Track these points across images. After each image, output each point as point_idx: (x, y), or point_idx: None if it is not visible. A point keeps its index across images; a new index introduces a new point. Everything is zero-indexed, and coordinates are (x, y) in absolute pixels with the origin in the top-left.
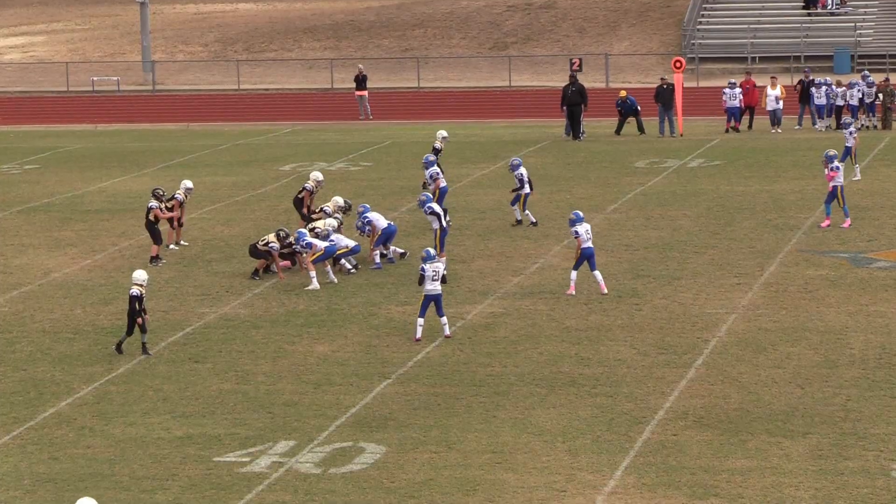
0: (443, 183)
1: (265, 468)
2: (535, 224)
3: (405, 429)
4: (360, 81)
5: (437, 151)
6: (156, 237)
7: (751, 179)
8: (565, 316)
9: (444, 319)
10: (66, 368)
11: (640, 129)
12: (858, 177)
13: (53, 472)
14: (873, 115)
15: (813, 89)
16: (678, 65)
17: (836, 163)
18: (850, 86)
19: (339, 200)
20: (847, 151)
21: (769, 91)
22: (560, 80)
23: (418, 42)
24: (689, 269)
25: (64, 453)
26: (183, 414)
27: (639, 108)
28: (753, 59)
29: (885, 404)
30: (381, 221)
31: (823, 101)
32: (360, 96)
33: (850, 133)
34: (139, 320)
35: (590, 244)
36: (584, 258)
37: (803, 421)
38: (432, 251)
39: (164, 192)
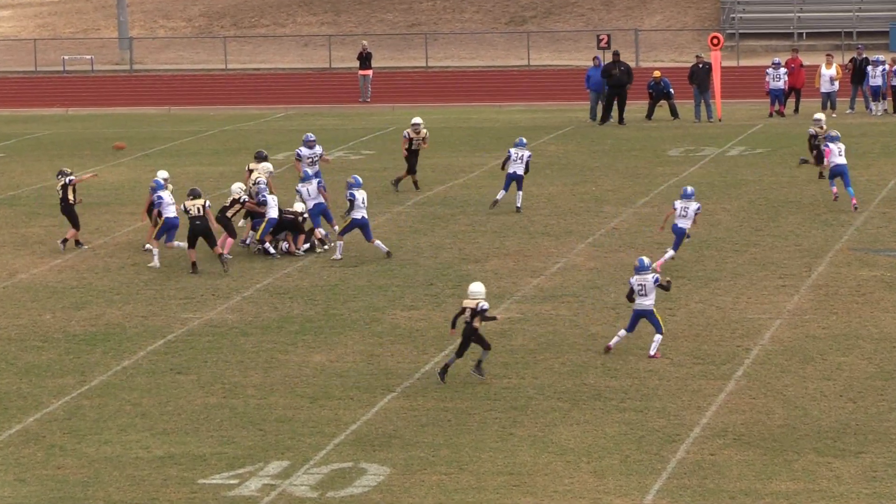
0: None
1: (255, 491)
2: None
3: (411, 448)
4: (364, 59)
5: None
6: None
7: (797, 170)
8: (590, 322)
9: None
10: (34, 380)
11: (674, 113)
12: None
13: (20, 496)
14: None
15: (869, 68)
16: (716, 41)
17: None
18: None
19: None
20: None
21: (823, 71)
22: (584, 59)
23: (426, 16)
24: (729, 270)
25: (32, 474)
26: (164, 431)
27: (672, 90)
28: (800, 35)
29: None
30: (356, 212)
31: (880, 81)
32: (364, 76)
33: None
34: None
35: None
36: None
37: (856, 439)
38: (645, 260)
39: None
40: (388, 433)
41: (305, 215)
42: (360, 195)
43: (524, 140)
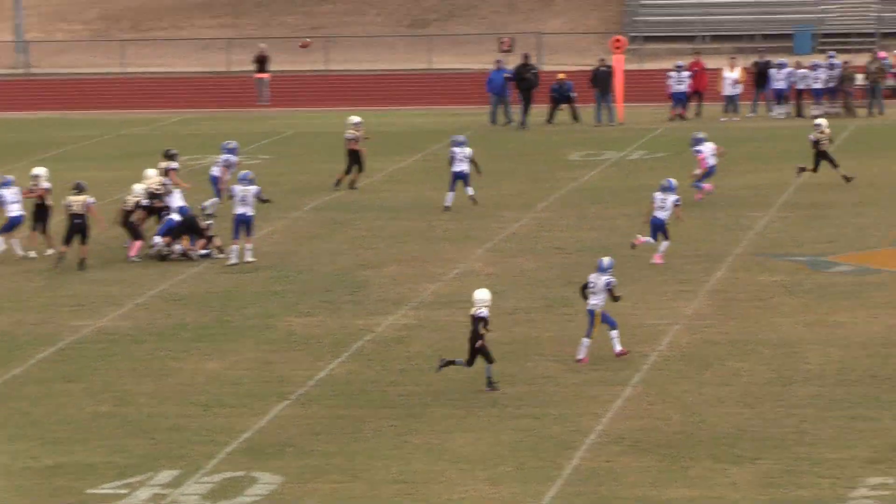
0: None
1: (145, 501)
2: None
3: (305, 456)
4: (261, 62)
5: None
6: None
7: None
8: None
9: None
10: None
11: (575, 116)
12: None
13: None
14: (836, 101)
15: (773, 70)
16: (618, 44)
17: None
18: (814, 68)
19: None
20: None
21: (726, 74)
22: (486, 63)
23: (327, 19)
24: (628, 275)
25: None
26: (53, 440)
27: (574, 93)
28: (703, 38)
29: (843, 426)
30: (238, 208)
31: (783, 84)
32: (260, 79)
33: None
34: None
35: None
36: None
37: (752, 445)
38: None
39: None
40: (281, 441)
41: (210, 211)
42: (243, 190)
43: (463, 138)
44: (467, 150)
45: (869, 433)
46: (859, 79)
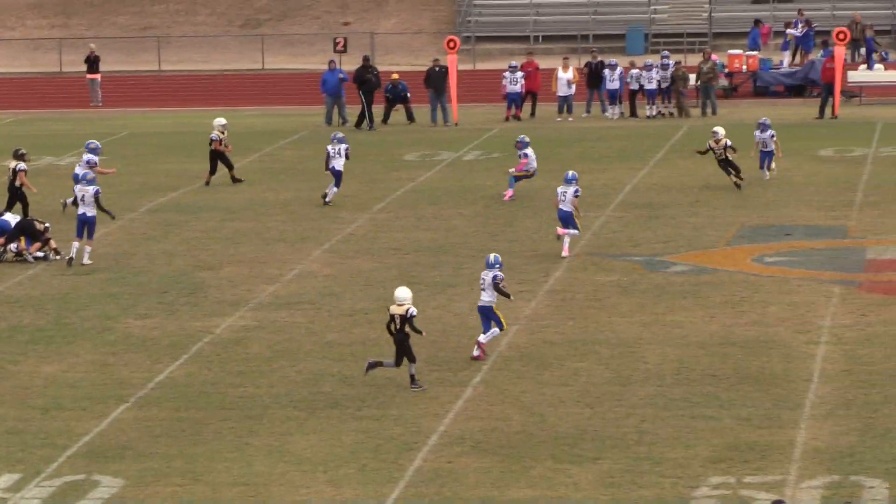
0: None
1: None
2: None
3: (145, 459)
4: (92, 63)
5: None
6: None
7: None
8: (326, 329)
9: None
10: None
11: (410, 117)
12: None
13: None
14: (671, 102)
15: (606, 71)
16: (452, 45)
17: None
18: (647, 67)
19: None
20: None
21: (560, 74)
22: (320, 63)
23: (159, 19)
24: (465, 276)
25: None
26: None
27: (408, 94)
28: (536, 38)
29: (683, 425)
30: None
31: (617, 84)
32: (92, 80)
33: (772, 137)
34: None
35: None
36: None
37: (593, 445)
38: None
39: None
40: (121, 444)
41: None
42: (82, 190)
43: (339, 134)
44: (341, 146)
45: (709, 432)
46: (692, 79)
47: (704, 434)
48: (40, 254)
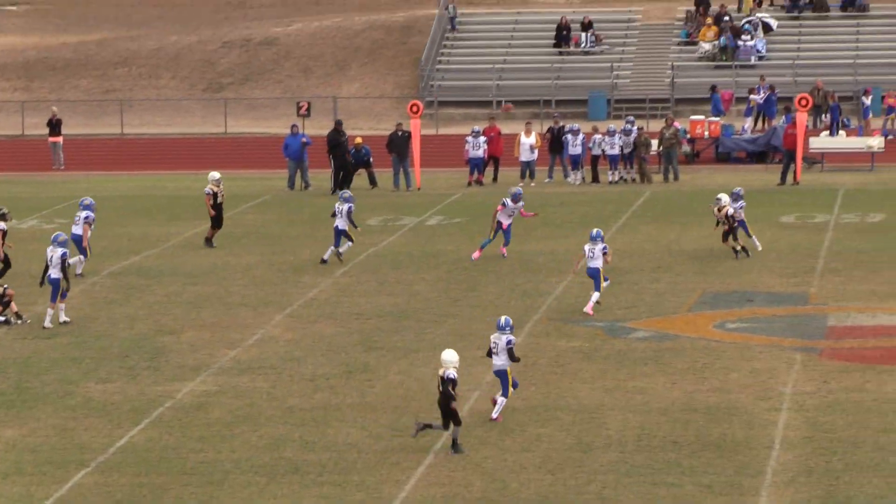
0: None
1: None
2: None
3: None
4: (55, 126)
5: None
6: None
7: (496, 239)
8: (288, 394)
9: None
10: None
11: (373, 181)
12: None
13: None
14: (633, 168)
15: (569, 136)
16: (415, 109)
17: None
18: (610, 133)
19: None
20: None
21: (523, 139)
22: (282, 127)
23: (122, 83)
24: (428, 341)
25: None
26: None
27: (371, 158)
28: (499, 103)
29: (645, 492)
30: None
31: (579, 150)
32: (54, 143)
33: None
34: None
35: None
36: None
37: None
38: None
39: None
40: None
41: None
42: (52, 250)
43: (346, 193)
44: (345, 206)
45: (671, 499)
46: (654, 145)
47: (666, 501)
48: (1, 318)
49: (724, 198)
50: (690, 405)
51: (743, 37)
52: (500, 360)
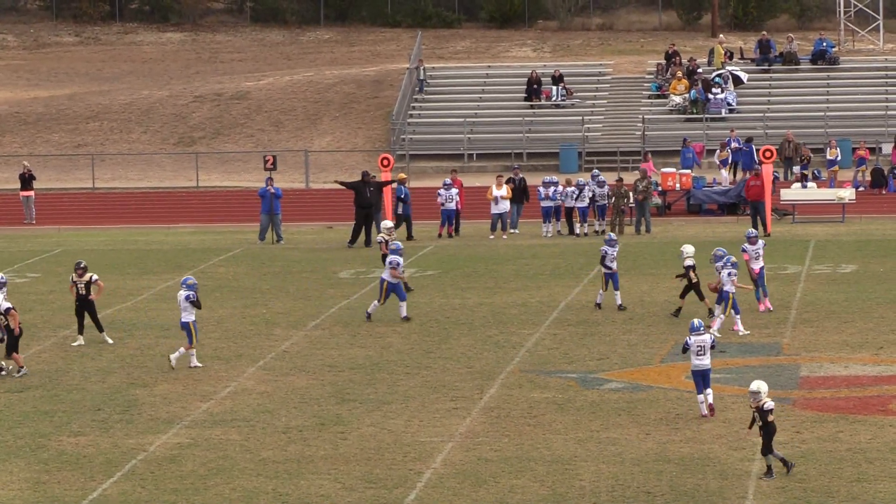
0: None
1: None
2: None
3: None
4: (26, 180)
5: None
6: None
7: (468, 291)
8: (261, 446)
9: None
10: None
11: (409, 234)
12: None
13: None
14: (604, 219)
15: (541, 189)
16: (386, 163)
17: None
18: (580, 186)
19: None
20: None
21: (495, 191)
22: (254, 180)
23: (93, 137)
24: (401, 393)
25: None
26: None
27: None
28: (471, 155)
29: None
30: None
31: (551, 203)
32: (26, 197)
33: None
34: None
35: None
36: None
37: None
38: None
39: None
40: None
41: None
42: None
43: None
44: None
45: None
46: (631, 197)
47: None
48: None
49: (688, 249)
50: (664, 455)
51: (714, 90)
52: (705, 360)
